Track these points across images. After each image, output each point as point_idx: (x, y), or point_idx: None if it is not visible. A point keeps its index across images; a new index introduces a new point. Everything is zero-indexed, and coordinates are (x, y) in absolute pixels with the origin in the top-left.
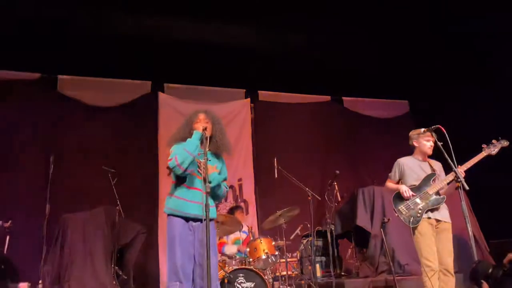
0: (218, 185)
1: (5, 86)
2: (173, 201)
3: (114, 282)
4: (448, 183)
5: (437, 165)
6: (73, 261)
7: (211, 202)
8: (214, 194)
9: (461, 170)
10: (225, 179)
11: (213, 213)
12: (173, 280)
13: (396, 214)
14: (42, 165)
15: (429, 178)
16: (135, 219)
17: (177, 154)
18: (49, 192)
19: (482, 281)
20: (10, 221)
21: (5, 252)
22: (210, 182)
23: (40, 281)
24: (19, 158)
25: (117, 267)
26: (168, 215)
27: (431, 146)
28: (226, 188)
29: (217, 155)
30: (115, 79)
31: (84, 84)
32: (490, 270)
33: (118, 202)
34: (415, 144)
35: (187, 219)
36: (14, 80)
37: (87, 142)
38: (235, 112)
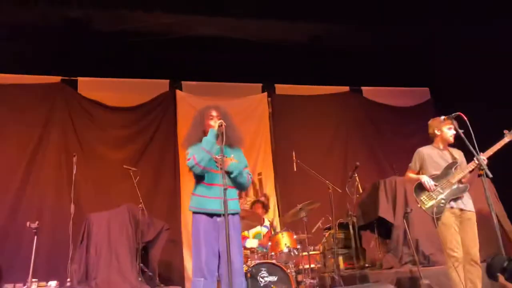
0: (240, 174)
1: (28, 90)
2: (195, 199)
3: (140, 279)
4: (470, 171)
5: (458, 153)
6: (99, 259)
7: (234, 195)
8: (238, 183)
9: (483, 157)
10: (246, 166)
11: (235, 206)
12: (198, 276)
13: (419, 205)
14: (66, 166)
15: (451, 167)
16: (158, 216)
17: (194, 153)
18: (73, 192)
19: (499, 274)
20: (37, 222)
21: (33, 252)
22: (231, 173)
23: (68, 279)
24: (43, 160)
25: (142, 264)
26: (193, 213)
27: (453, 134)
28: (250, 174)
29: (231, 147)
30: (133, 79)
31: (103, 85)
32: (506, 263)
33: (141, 200)
34: (437, 132)
35: (211, 215)
36: (37, 84)
37: (108, 142)
38: (253, 107)
